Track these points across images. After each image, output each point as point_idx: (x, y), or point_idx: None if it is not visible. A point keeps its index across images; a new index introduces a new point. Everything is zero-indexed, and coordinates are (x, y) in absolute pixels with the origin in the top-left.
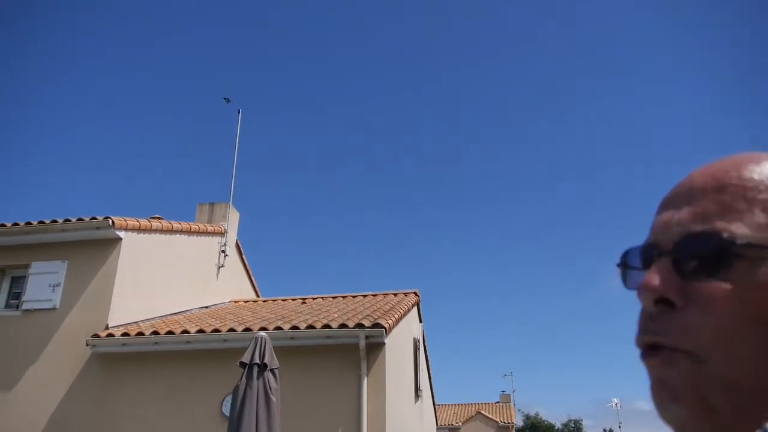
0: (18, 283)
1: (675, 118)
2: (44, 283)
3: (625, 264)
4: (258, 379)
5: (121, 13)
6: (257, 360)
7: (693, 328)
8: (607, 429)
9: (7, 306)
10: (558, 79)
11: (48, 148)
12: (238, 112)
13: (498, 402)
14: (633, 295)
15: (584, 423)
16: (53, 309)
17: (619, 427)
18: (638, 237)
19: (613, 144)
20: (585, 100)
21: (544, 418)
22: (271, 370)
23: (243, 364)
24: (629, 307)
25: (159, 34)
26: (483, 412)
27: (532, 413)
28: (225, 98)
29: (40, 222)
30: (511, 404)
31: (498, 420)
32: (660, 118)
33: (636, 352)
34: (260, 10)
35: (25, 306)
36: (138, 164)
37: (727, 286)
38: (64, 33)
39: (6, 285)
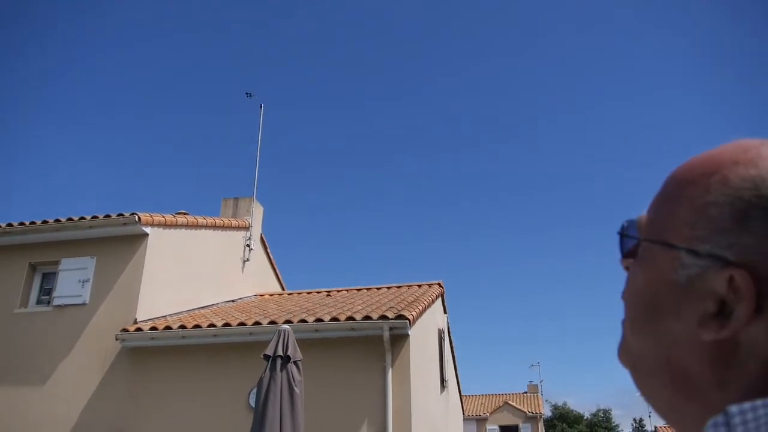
0: (49, 280)
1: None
2: (74, 279)
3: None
4: (282, 371)
5: (142, 11)
6: (280, 352)
7: (624, 292)
8: (637, 419)
9: (39, 302)
10: (556, 79)
11: (74, 146)
12: (260, 107)
13: (525, 392)
14: None
15: (613, 412)
16: (83, 304)
17: (649, 416)
18: None
19: (644, 133)
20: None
21: (572, 408)
22: (295, 363)
23: (267, 357)
24: None
25: (180, 31)
26: (510, 402)
27: (560, 403)
28: (247, 93)
29: (69, 219)
30: (539, 394)
31: (526, 410)
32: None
33: None
34: (280, 10)
35: (56, 302)
36: (162, 161)
37: (633, 267)
38: (82, 33)
39: (37, 281)
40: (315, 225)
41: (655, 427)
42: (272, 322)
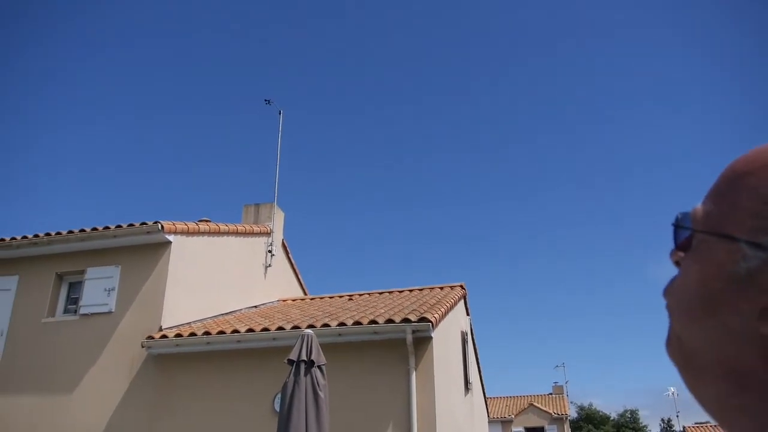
0: (75, 289)
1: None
2: (100, 287)
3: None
4: (306, 375)
5: (163, 12)
6: (304, 357)
7: (671, 288)
8: (665, 419)
9: (66, 311)
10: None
11: (89, 152)
12: (280, 113)
13: (550, 393)
14: None
15: (640, 413)
16: (109, 313)
17: (677, 416)
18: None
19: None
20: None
21: (598, 409)
22: (319, 367)
23: (291, 362)
24: None
25: (197, 33)
26: (535, 404)
27: (585, 404)
28: (266, 100)
29: (94, 229)
30: (564, 395)
31: (551, 412)
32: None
33: None
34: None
35: (82, 311)
36: (182, 167)
37: (685, 260)
38: (85, 33)
39: (64, 291)
40: (335, 229)
41: (684, 428)
42: (295, 327)
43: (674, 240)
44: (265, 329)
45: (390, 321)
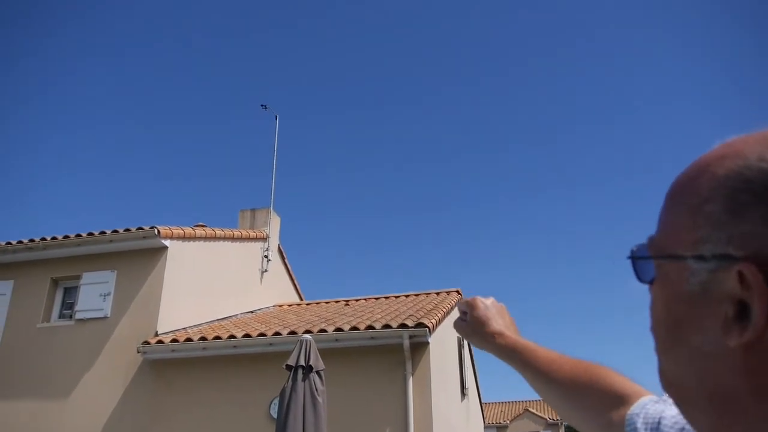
0: (70, 294)
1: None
2: (95, 292)
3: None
4: (304, 381)
5: (158, 17)
6: (303, 362)
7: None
8: None
9: (61, 316)
10: (560, 83)
11: (87, 156)
12: (276, 118)
13: None
14: None
15: None
16: (105, 318)
17: None
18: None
19: (634, 143)
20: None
21: None
22: (317, 372)
23: (289, 367)
24: None
25: (193, 37)
26: (531, 409)
27: None
28: (262, 105)
29: (90, 234)
30: None
31: (546, 417)
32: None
33: None
34: (292, 16)
35: (78, 316)
36: (178, 171)
37: (652, 291)
38: (92, 35)
39: (59, 296)
40: (332, 234)
41: None
42: (292, 333)
43: (636, 275)
44: (262, 334)
45: (387, 326)
